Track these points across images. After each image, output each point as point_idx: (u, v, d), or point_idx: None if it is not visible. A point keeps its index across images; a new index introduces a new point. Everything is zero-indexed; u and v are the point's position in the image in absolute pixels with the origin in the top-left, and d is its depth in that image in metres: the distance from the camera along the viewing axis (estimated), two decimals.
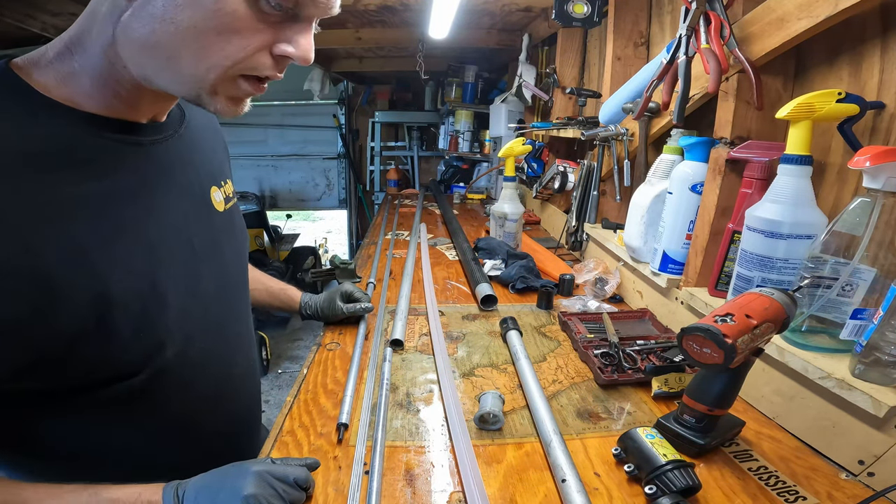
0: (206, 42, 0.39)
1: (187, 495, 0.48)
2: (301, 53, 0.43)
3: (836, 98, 0.63)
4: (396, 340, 0.94)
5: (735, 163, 0.83)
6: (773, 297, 0.60)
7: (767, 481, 0.60)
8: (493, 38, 2.48)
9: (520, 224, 1.55)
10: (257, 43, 0.41)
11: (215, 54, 0.40)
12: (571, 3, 1.43)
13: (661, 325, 1.02)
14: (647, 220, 1.06)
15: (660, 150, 1.07)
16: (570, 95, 1.73)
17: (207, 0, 0.38)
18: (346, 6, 2.04)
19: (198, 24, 0.38)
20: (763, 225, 0.71)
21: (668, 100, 0.91)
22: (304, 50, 0.43)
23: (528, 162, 2.06)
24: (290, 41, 0.43)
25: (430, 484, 0.60)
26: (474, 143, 3.27)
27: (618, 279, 1.20)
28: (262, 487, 0.49)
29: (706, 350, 0.56)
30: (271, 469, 0.51)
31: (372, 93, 4.44)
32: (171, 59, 0.40)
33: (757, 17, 0.76)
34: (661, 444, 0.59)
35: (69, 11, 1.98)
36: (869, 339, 0.58)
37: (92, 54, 0.42)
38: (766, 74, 0.78)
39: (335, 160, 4.75)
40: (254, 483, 0.48)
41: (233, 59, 0.41)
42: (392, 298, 1.18)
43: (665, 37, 1.24)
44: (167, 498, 0.48)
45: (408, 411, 0.75)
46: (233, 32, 0.39)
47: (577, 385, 0.83)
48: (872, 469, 0.58)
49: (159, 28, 0.38)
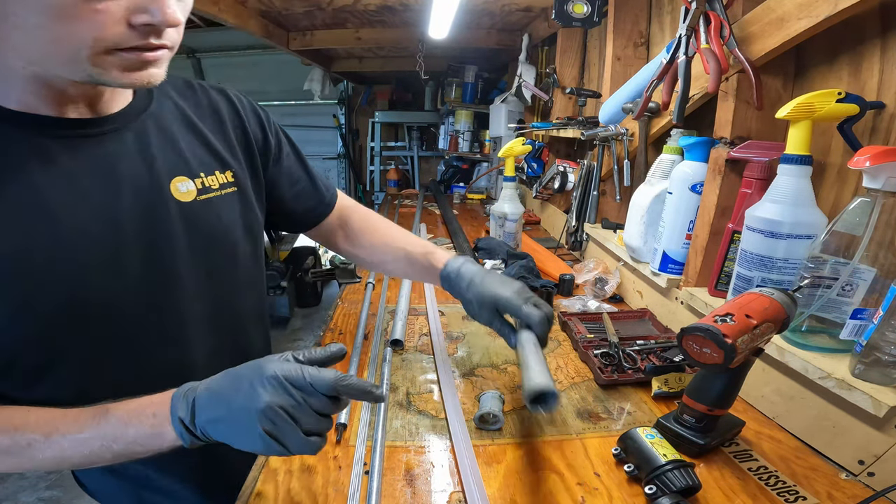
0: (56, 34, 0.40)
1: (199, 405, 0.44)
2: (159, 18, 0.42)
3: (836, 98, 0.63)
4: (396, 340, 0.94)
5: (735, 163, 0.83)
6: (773, 297, 0.60)
7: (767, 481, 0.60)
8: (493, 38, 2.48)
9: (520, 224, 1.55)
10: (103, 20, 0.40)
11: (70, 42, 0.40)
12: (571, 3, 1.43)
13: (661, 325, 1.02)
14: (647, 220, 1.06)
15: (660, 150, 1.07)
16: (570, 95, 1.73)
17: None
18: (346, 6, 2.04)
19: (40, 21, 0.39)
20: (763, 225, 0.71)
21: (668, 100, 0.91)
22: (161, 13, 0.42)
23: (528, 162, 2.06)
24: (143, 9, 0.41)
25: (430, 484, 0.60)
26: (474, 143, 3.27)
27: (618, 279, 1.20)
28: (281, 396, 0.42)
29: (706, 350, 0.56)
30: (290, 375, 0.43)
31: (372, 93, 4.45)
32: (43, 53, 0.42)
33: (757, 17, 0.76)
34: (661, 444, 0.59)
35: None
36: (869, 339, 0.58)
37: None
38: (766, 74, 0.78)
39: (335, 160, 4.75)
40: (271, 391, 0.42)
41: (89, 42, 0.40)
42: (392, 298, 1.18)
43: (665, 37, 1.24)
44: (176, 408, 0.45)
45: (408, 411, 0.75)
46: (71, 18, 0.39)
47: (577, 385, 0.83)
48: (872, 469, 0.58)
49: (13, 30, 0.40)
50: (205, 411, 0.44)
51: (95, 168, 0.51)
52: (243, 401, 0.43)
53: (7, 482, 1.99)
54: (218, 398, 0.44)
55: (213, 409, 0.44)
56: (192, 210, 0.59)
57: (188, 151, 0.60)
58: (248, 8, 1.99)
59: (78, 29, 0.40)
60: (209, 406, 0.44)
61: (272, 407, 0.42)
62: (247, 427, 0.42)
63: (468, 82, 3.22)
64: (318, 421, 0.44)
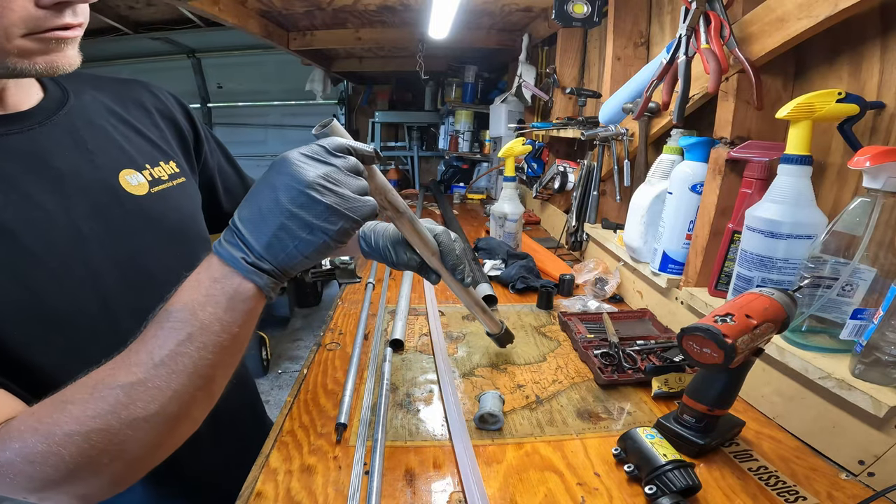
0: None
1: (246, 233, 0.39)
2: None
3: (836, 98, 0.63)
4: (396, 340, 0.94)
5: (735, 163, 0.83)
6: (773, 297, 0.60)
7: (767, 481, 0.60)
8: (493, 38, 2.48)
9: (520, 224, 1.55)
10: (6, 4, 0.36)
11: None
12: (571, 3, 1.43)
13: (661, 325, 1.02)
14: (647, 220, 1.06)
15: (660, 150, 1.07)
16: (570, 95, 1.73)
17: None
18: (346, 6, 2.04)
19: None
20: (763, 225, 0.71)
21: (668, 100, 0.91)
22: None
23: (528, 162, 2.07)
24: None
25: (430, 484, 0.60)
26: (474, 143, 3.27)
27: (618, 279, 1.20)
28: (316, 167, 0.39)
29: (706, 350, 0.56)
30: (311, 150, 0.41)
31: (372, 93, 4.45)
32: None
33: (757, 17, 0.76)
34: (661, 444, 0.59)
35: None
36: (869, 339, 0.58)
37: None
38: (766, 74, 0.78)
39: None
40: (308, 164, 0.39)
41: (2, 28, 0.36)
42: (392, 298, 1.18)
43: (665, 37, 1.24)
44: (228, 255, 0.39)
45: (408, 411, 0.75)
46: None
47: (577, 385, 0.83)
48: (872, 469, 0.58)
49: None
50: (257, 231, 0.39)
51: (29, 166, 0.46)
52: (288, 190, 0.38)
53: None
54: (261, 213, 0.39)
55: (264, 224, 0.39)
56: (149, 203, 0.55)
57: (126, 143, 0.56)
58: (248, 8, 1.99)
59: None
60: (257, 224, 0.39)
61: (318, 181, 0.39)
62: (309, 212, 0.38)
63: (468, 82, 3.22)
64: (358, 180, 0.42)
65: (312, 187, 0.38)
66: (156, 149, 0.60)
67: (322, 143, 0.42)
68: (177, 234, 0.59)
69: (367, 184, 0.43)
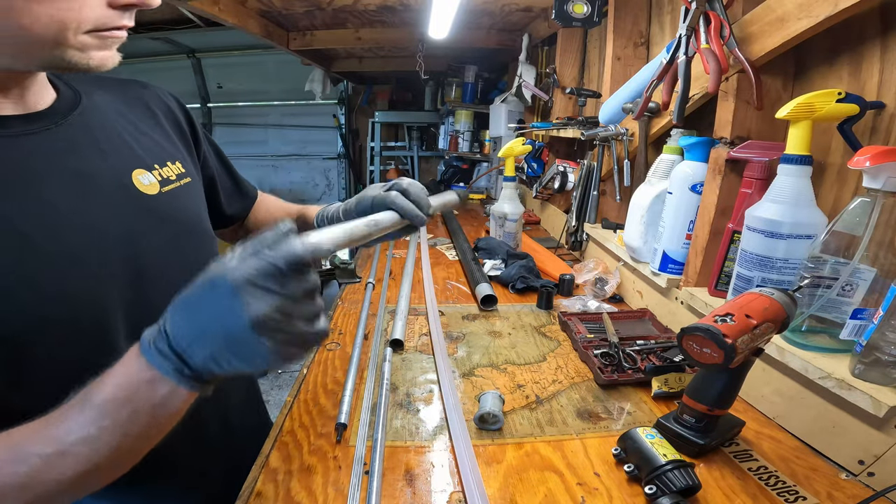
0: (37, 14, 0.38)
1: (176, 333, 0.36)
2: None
3: (836, 98, 0.63)
4: (396, 340, 0.94)
5: (735, 163, 0.83)
6: (773, 297, 0.60)
7: (767, 481, 0.60)
8: (493, 38, 2.48)
9: (520, 224, 1.55)
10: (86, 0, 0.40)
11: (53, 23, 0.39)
12: (571, 3, 1.43)
13: (661, 325, 1.02)
14: (647, 220, 1.06)
15: (660, 150, 1.07)
16: (570, 95, 1.73)
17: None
18: (346, 6, 2.04)
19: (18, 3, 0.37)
20: (763, 225, 0.71)
21: (668, 100, 0.91)
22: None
23: (528, 162, 2.06)
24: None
25: (430, 484, 0.60)
26: (474, 143, 3.27)
27: (618, 279, 1.20)
28: (269, 299, 0.35)
29: (706, 350, 0.56)
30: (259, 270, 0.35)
31: (372, 93, 4.44)
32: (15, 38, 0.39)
33: (757, 17, 0.76)
34: (661, 444, 0.59)
35: None
36: (869, 339, 0.58)
37: None
38: (765, 74, 0.78)
39: (335, 160, 4.75)
40: (255, 297, 0.34)
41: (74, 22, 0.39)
42: (392, 298, 1.18)
43: (665, 37, 1.24)
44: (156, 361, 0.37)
45: (408, 411, 0.75)
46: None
47: (577, 385, 0.83)
48: (872, 469, 0.58)
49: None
50: (192, 349, 0.36)
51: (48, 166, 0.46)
52: (231, 324, 0.34)
53: None
54: (200, 334, 0.36)
55: (201, 345, 0.36)
56: (160, 203, 0.56)
57: (135, 144, 0.57)
58: (247, 8, 1.99)
59: (60, 9, 0.38)
60: (193, 342, 0.36)
61: (264, 320, 0.34)
62: (251, 350, 0.35)
63: (468, 82, 3.22)
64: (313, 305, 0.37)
65: (257, 327, 0.34)
66: (162, 149, 0.61)
67: (275, 259, 0.35)
68: (186, 232, 0.60)
69: (321, 304, 0.38)
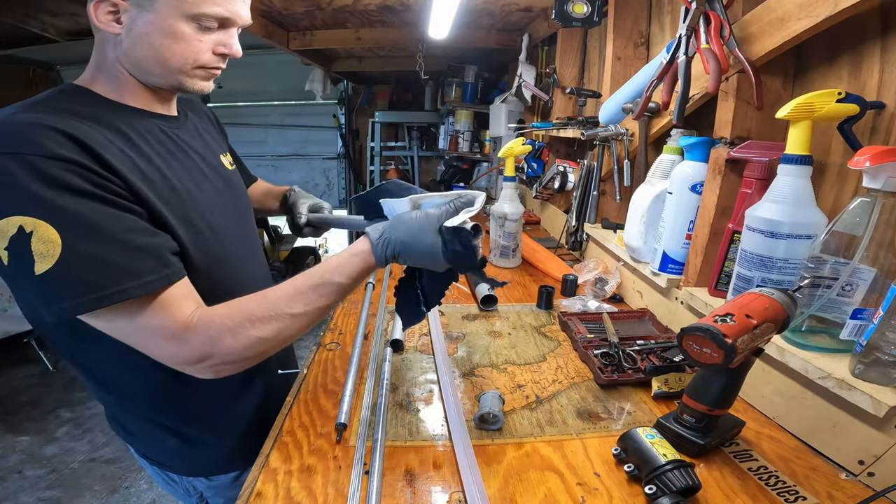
0: (171, 51, 0.62)
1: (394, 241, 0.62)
2: (232, 50, 0.67)
3: (836, 98, 0.63)
4: (396, 340, 0.94)
5: (735, 163, 0.83)
6: (773, 297, 0.60)
7: (767, 481, 0.60)
8: (493, 38, 2.48)
9: (520, 224, 1.55)
10: (202, 46, 0.63)
11: (179, 57, 0.62)
12: (571, 3, 1.43)
13: (661, 325, 1.02)
14: (647, 220, 1.06)
15: (660, 150, 1.07)
16: (570, 95, 1.73)
17: (167, 26, 0.60)
18: (346, 6, 2.04)
19: (164, 42, 0.60)
20: (763, 225, 0.71)
21: (668, 100, 0.91)
22: (233, 48, 0.67)
23: (528, 162, 2.06)
24: (223, 43, 0.65)
25: (429, 484, 0.60)
26: (474, 143, 3.27)
27: (618, 279, 1.20)
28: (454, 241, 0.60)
29: (706, 350, 0.56)
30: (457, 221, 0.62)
31: (372, 93, 4.44)
32: (159, 64, 0.63)
33: (757, 17, 0.76)
34: (661, 444, 0.59)
35: (69, 11, 1.98)
36: (869, 339, 0.58)
37: (112, 73, 0.64)
38: (766, 74, 0.78)
39: (335, 160, 4.75)
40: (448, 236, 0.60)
41: (191, 59, 0.63)
42: (392, 298, 1.18)
43: (665, 37, 1.24)
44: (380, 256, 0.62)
45: (408, 411, 0.75)
46: (185, 43, 0.62)
47: (577, 385, 0.83)
48: (872, 469, 0.58)
49: (146, 49, 0.61)
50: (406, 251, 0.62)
51: (183, 144, 0.72)
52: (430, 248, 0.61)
53: (7, 482, 1.99)
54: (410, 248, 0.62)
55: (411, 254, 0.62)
56: (233, 176, 0.83)
57: (211, 140, 0.82)
58: None
59: (184, 50, 0.62)
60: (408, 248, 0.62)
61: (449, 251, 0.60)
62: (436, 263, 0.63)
63: (468, 82, 3.22)
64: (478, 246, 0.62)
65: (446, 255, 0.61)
66: (220, 144, 0.86)
67: (464, 222, 0.62)
68: (244, 199, 0.86)
69: (480, 245, 0.62)
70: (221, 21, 0.64)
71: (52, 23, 2.10)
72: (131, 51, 0.61)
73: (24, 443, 2.23)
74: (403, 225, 0.63)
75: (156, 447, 0.78)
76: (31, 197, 0.49)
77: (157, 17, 0.59)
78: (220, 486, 0.80)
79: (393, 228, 0.63)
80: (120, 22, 0.59)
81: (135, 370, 0.67)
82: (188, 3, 0.60)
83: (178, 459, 0.78)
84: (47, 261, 0.50)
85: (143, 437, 0.78)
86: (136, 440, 0.79)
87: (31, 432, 2.30)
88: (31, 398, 2.57)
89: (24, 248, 0.49)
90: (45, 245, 0.49)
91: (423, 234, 0.61)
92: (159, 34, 0.60)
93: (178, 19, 0.60)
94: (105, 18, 0.59)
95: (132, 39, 0.60)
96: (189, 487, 0.81)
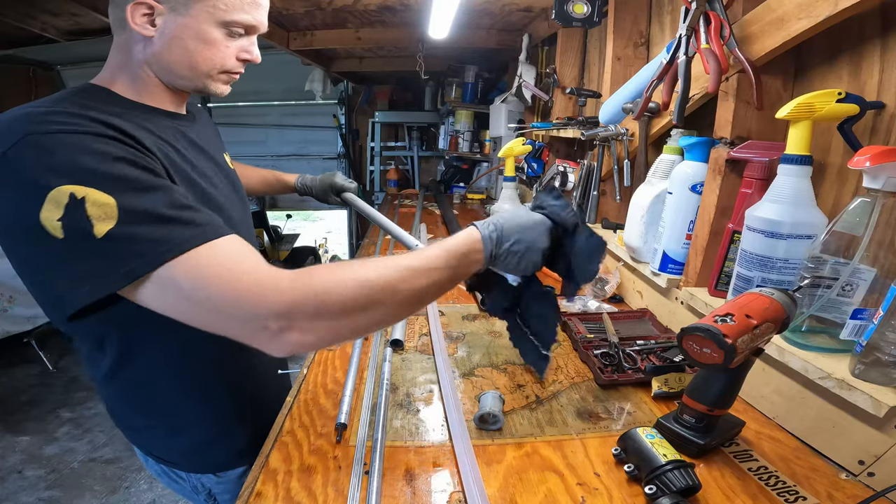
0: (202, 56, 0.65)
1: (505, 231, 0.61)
2: (253, 56, 0.70)
3: (836, 98, 0.63)
4: (396, 340, 0.94)
5: (735, 163, 0.83)
6: (773, 297, 0.60)
7: (767, 481, 0.60)
8: (493, 38, 2.48)
9: None
10: (228, 52, 0.67)
11: (209, 61, 0.66)
12: (571, 3, 1.43)
13: (661, 325, 1.02)
14: (647, 220, 1.06)
15: (660, 150, 1.07)
16: (570, 95, 1.73)
17: (201, 31, 0.62)
18: (346, 6, 2.04)
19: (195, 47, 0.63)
20: (763, 225, 0.71)
21: (668, 100, 0.91)
22: (254, 54, 0.70)
23: (528, 162, 2.06)
24: (246, 49, 0.69)
25: (430, 484, 0.60)
26: (474, 143, 3.27)
27: (618, 279, 1.20)
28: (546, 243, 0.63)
29: (706, 350, 0.56)
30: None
31: (372, 93, 4.44)
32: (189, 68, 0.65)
33: (757, 17, 0.76)
34: (661, 444, 0.59)
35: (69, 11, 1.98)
36: (869, 339, 0.58)
37: (135, 74, 0.65)
38: (766, 74, 0.78)
39: (335, 160, 4.74)
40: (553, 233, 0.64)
41: (219, 63, 0.67)
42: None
43: (665, 37, 1.24)
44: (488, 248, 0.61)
45: (408, 411, 0.75)
46: (215, 48, 0.65)
47: (577, 385, 0.83)
48: (872, 469, 0.58)
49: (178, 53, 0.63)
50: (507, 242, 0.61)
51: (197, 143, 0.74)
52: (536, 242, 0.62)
53: (7, 482, 1.99)
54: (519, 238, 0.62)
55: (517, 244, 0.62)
56: (233, 174, 0.85)
57: (215, 138, 0.86)
58: None
59: (214, 55, 0.65)
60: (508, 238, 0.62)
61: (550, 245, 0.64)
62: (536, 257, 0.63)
63: (468, 82, 3.21)
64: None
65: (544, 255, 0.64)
66: (221, 143, 0.89)
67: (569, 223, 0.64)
68: (245, 198, 0.88)
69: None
70: (248, 28, 0.67)
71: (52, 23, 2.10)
72: (162, 53, 0.63)
73: (24, 443, 2.23)
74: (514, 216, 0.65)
75: (164, 445, 0.78)
76: (76, 166, 0.49)
77: (191, 22, 0.61)
78: (229, 482, 0.81)
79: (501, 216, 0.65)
80: (154, 24, 0.61)
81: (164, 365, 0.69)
82: (221, 10, 0.62)
83: (186, 457, 0.78)
84: (107, 222, 0.48)
85: (152, 436, 0.78)
86: (143, 438, 0.79)
87: (31, 432, 2.31)
88: (31, 398, 2.58)
89: (80, 213, 0.47)
90: (100, 208, 0.48)
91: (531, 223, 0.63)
92: (193, 38, 0.62)
93: (211, 25, 0.63)
94: (140, 20, 0.60)
95: (164, 42, 0.62)
96: (197, 484, 0.81)
